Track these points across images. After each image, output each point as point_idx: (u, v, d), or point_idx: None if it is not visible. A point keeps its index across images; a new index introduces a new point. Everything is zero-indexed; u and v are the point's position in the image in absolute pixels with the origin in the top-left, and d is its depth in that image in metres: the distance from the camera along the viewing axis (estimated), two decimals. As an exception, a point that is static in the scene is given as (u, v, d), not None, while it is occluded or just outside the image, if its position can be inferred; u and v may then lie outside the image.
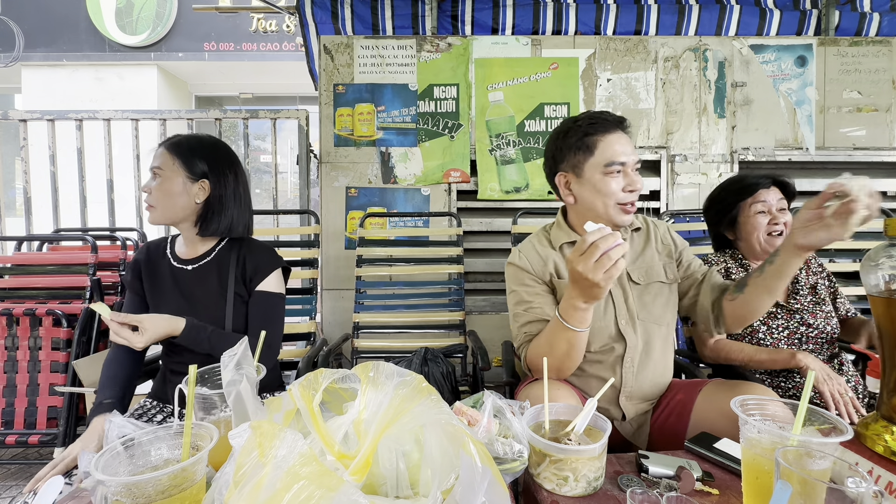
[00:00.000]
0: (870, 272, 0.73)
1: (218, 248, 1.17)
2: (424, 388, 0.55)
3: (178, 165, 1.10)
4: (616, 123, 1.03)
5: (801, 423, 0.57)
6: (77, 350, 1.66)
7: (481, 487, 0.45)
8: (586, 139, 1.02)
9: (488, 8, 2.61)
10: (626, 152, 1.00)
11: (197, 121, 2.57)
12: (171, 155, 1.11)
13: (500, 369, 1.55)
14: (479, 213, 2.46)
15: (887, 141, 2.47)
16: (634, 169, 1.01)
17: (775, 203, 1.32)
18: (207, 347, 1.04)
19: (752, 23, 2.65)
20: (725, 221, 1.39)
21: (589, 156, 1.02)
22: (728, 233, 1.41)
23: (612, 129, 1.02)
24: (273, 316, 1.16)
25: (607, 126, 1.02)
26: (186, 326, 1.03)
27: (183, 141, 1.13)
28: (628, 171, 1.00)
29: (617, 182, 1.00)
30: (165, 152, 1.11)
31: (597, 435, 0.69)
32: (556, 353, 0.92)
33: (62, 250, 2.15)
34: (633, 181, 1.00)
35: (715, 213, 1.43)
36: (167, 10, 5.82)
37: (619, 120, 1.04)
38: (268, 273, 1.16)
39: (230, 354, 0.71)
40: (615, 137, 1.01)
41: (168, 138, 1.15)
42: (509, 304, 1.11)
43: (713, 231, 1.48)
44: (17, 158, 5.33)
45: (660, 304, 1.07)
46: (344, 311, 2.38)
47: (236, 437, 0.52)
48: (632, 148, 1.02)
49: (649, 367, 1.05)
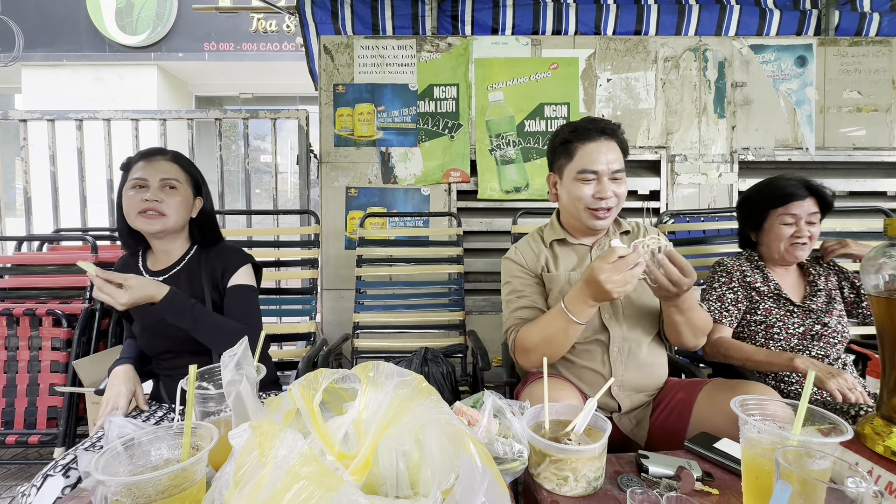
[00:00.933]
0: (870, 272, 0.73)
1: (188, 257, 1.18)
2: (424, 388, 0.55)
3: (188, 179, 1.15)
4: (599, 132, 1.06)
5: (801, 423, 0.57)
6: (77, 350, 1.66)
7: (481, 487, 0.45)
8: (568, 145, 1.09)
9: (488, 8, 2.61)
10: (600, 161, 1.05)
11: (197, 121, 2.56)
12: (180, 168, 1.14)
13: (500, 369, 1.55)
14: (479, 213, 2.46)
15: (887, 141, 2.47)
16: (611, 178, 1.05)
17: (805, 216, 1.28)
18: (190, 319, 1.03)
19: (752, 23, 2.65)
20: (752, 223, 1.38)
21: (569, 161, 1.09)
22: (752, 234, 1.40)
23: (594, 137, 1.06)
24: (248, 304, 1.16)
25: (589, 134, 1.07)
26: (170, 292, 1.03)
27: (183, 157, 1.17)
28: (602, 180, 1.05)
29: (589, 188, 1.06)
30: (174, 165, 1.13)
31: (597, 435, 0.69)
32: (552, 341, 0.99)
33: (62, 250, 2.15)
34: (602, 190, 1.05)
35: (745, 212, 1.41)
36: (167, 10, 5.82)
37: (603, 128, 1.07)
38: (236, 269, 1.18)
39: (230, 354, 0.71)
40: (594, 146, 1.06)
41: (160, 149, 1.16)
42: (503, 293, 1.18)
43: (740, 228, 1.46)
44: (17, 158, 5.33)
45: (644, 299, 1.10)
46: (344, 311, 2.38)
47: (236, 437, 0.52)
48: (615, 156, 1.06)
49: (639, 358, 1.08)
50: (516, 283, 1.15)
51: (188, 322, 1.03)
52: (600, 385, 1.06)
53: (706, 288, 1.41)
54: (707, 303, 1.36)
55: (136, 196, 1.08)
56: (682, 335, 1.04)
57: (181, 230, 1.16)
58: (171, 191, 1.10)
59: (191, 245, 1.20)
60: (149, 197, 1.08)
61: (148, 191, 1.08)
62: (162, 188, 1.10)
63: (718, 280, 1.38)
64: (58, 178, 2.54)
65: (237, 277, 1.17)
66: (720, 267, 1.41)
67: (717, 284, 1.38)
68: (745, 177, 2.47)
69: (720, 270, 1.40)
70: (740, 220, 1.44)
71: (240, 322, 1.10)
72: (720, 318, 1.34)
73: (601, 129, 1.07)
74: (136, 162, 1.11)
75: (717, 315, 1.34)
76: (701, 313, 1.04)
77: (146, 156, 1.12)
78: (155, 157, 1.12)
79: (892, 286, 0.71)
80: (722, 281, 1.38)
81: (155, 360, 1.17)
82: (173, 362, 1.14)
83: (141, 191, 1.08)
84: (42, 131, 2.49)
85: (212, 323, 1.06)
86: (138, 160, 1.11)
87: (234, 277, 1.17)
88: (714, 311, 1.34)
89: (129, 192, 1.09)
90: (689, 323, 1.01)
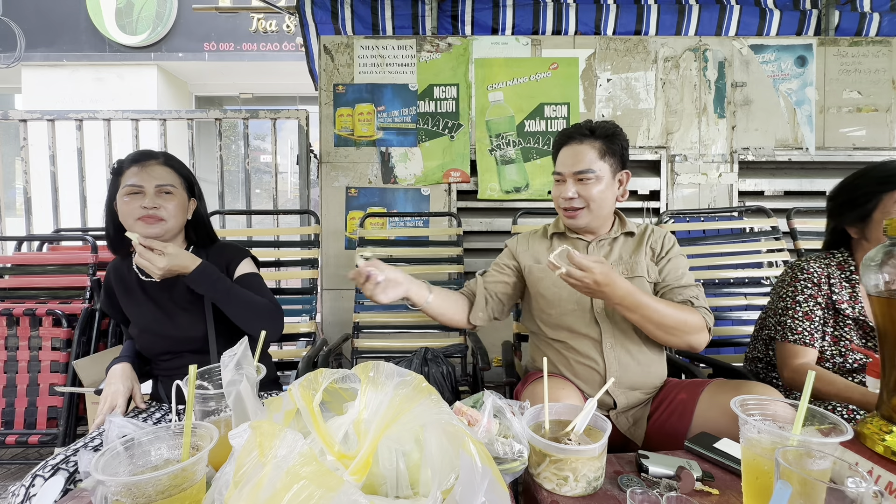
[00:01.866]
0: (870, 272, 0.73)
1: None
2: (424, 388, 0.55)
3: (182, 183, 1.15)
4: (574, 134, 1.12)
5: (801, 423, 0.57)
6: (77, 350, 1.66)
7: (481, 487, 0.45)
8: (555, 149, 1.18)
9: (488, 8, 2.61)
10: (566, 164, 1.11)
11: (197, 121, 2.56)
12: (174, 173, 1.14)
13: (500, 369, 1.55)
14: (479, 213, 2.46)
15: (887, 141, 2.47)
16: (575, 179, 1.10)
17: None
18: (223, 290, 1.08)
19: (752, 23, 2.65)
20: (854, 215, 1.11)
21: (555, 162, 1.18)
22: (852, 229, 1.13)
23: (569, 141, 1.13)
24: (262, 287, 1.21)
25: (565, 139, 1.14)
26: (202, 263, 1.07)
27: (175, 159, 1.17)
28: (566, 180, 1.12)
29: (559, 189, 1.13)
30: (169, 170, 1.13)
31: (597, 435, 0.69)
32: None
33: (62, 250, 2.15)
34: (564, 191, 1.11)
35: (843, 202, 1.15)
36: (167, 11, 5.82)
37: (579, 130, 1.12)
38: (240, 261, 1.23)
39: (230, 354, 0.71)
40: (568, 149, 1.12)
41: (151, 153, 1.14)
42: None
43: (832, 224, 1.20)
44: (17, 158, 5.33)
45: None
46: (344, 311, 2.38)
47: (236, 437, 0.53)
48: (582, 158, 1.10)
49: (633, 354, 1.09)
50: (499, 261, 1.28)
51: (220, 293, 1.07)
52: (596, 380, 1.09)
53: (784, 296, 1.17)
54: (793, 320, 1.14)
55: (132, 202, 1.07)
56: (655, 337, 1.03)
57: (178, 233, 1.17)
58: (168, 196, 1.11)
59: (187, 246, 1.21)
60: (146, 204, 1.07)
61: (144, 197, 1.08)
62: (158, 194, 1.09)
63: (804, 292, 1.13)
64: (58, 178, 2.54)
65: (242, 268, 1.22)
66: (803, 274, 1.15)
67: (803, 298, 1.13)
68: (745, 177, 2.47)
69: (803, 279, 1.14)
70: (834, 212, 1.18)
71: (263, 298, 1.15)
72: (810, 341, 1.10)
73: (577, 131, 1.12)
74: (129, 167, 1.10)
75: (806, 338, 1.11)
76: (662, 309, 0.99)
77: (138, 160, 1.11)
78: (148, 161, 1.11)
79: (892, 286, 0.71)
80: (808, 293, 1.13)
81: (154, 362, 1.17)
82: (173, 363, 1.14)
83: (137, 197, 1.08)
84: (42, 131, 2.49)
85: (241, 295, 1.10)
86: (130, 165, 1.10)
87: (239, 268, 1.21)
88: (804, 332, 1.11)
89: (124, 199, 1.08)
90: (650, 321, 0.99)
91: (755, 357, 1.33)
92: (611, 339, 1.09)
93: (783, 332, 1.15)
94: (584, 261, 0.92)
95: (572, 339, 1.12)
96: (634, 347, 1.09)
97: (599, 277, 0.92)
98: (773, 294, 1.23)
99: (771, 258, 1.93)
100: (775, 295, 1.22)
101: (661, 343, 1.07)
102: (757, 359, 1.33)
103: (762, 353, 1.31)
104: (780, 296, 1.19)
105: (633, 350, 1.09)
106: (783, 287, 1.19)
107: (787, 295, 1.17)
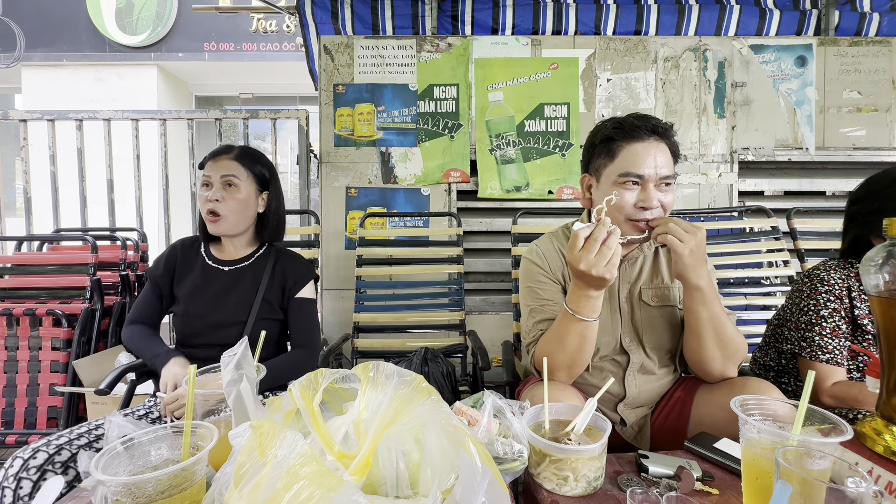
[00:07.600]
0: (870, 272, 0.73)
1: (256, 255, 1.23)
2: (424, 388, 0.55)
3: (250, 176, 1.18)
4: (649, 130, 0.93)
5: (801, 422, 0.57)
6: (77, 350, 1.66)
7: (481, 487, 0.45)
8: (610, 143, 0.95)
9: (488, 8, 2.61)
10: (647, 164, 0.90)
11: (197, 121, 2.56)
12: (242, 165, 1.17)
13: (500, 369, 1.55)
14: (479, 213, 2.46)
15: (887, 141, 2.47)
16: (660, 185, 0.92)
17: None
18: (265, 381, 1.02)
19: (752, 23, 2.65)
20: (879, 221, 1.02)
21: (609, 161, 0.95)
22: (876, 238, 1.01)
23: (642, 136, 0.93)
24: (312, 319, 1.25)
25: (637, 132, 0.93)
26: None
27: (248, 152, 1.21)
28: (647, 186, 0.91)
29: (631, 195, 0.92)
30: (236, 163, 1.17)
31: (597, 435, 0.69)
32: (568, 349, 0.89)
33: (62, 250, 2.15)
34: (647, 198, 0.90)
35: (867, 205, 1.03)
36: (167, 11, 5.82)
37: (654, 127, 0.94)
38: (306, 283, 1.25)
39: (230, 354, 0.71)
40: (641, 147, 0.92)
41: (227, 147, 1.20)
42: (523, 298, 1.07)
43: (855, 233, 1.08)
44: (17, 158, 5.33)
45: (669, 328, 1.02)
46: (344, 311, 2.38)
47: (236, 437, 0.52)
48: (664, 160, 0.92)
49: (652, 381, 1.04)
50: (538, 290, 1.03)
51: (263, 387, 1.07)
52: (610, 402, 1.04)
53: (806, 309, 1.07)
54: (821, 337, 1.04)
55: (202, 194, 1.16)
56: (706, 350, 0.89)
57: (245, 231, 1.21)
58: (231, 188, 1.15)
59: (260, 243, 1.25)
60: (210, 196, 1.14)
61: (211, 188, 1.15)
62: (223, 186, 1.15)
63: (827, 306, 1.03)
64: (58, 178, 2.54)
65: (305, 291, 1.24)
66: (824, 286, 1.04)
67: (828, 312, 1.03)
68: (745, 177, 2.47)
69: (825, 291, 1.04)
70: (861, 221, 1.06)
71: (302, 345, 1.19)
72: (841, 360, 1.01)
73: (652, 128, 0.93)
74: (207, 161, 1.18)
75: (837, 357, 1.01)
76: (728, 324, 0.88)
77: (213, 155, 1.19)
78: (220, 155, 1.18)
79: (893, 286, 0.71)
80: (832, 307, 1.03)
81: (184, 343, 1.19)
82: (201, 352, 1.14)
83: (206, 189, 1.15)
84: (42, 131, 2.48)
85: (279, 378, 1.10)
86: (208, 160, 1.18)
87: (302, 291, 1.24)
88: (835, 350, 1.02)
89: (200, 190, 1.18)
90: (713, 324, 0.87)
91: (766, 364, 1.28)
92: (635, 368, 1.01)
93: (811, 351, 1.05)
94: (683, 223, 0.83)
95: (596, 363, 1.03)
96: (655, 375, 1.03)
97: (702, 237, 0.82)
98: (791, 304, 1.13)
99: (771, 258, 1.93)
100: (794, 306, 1.12)
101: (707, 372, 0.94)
102: (769, 366, 1.27)
103: (774, 360, 1.25)
104: (800, 308, 1.09)
105: (652, 378, 1.03)
106: (802, 298, 1.09)
107: (810, 309, 1.07)
